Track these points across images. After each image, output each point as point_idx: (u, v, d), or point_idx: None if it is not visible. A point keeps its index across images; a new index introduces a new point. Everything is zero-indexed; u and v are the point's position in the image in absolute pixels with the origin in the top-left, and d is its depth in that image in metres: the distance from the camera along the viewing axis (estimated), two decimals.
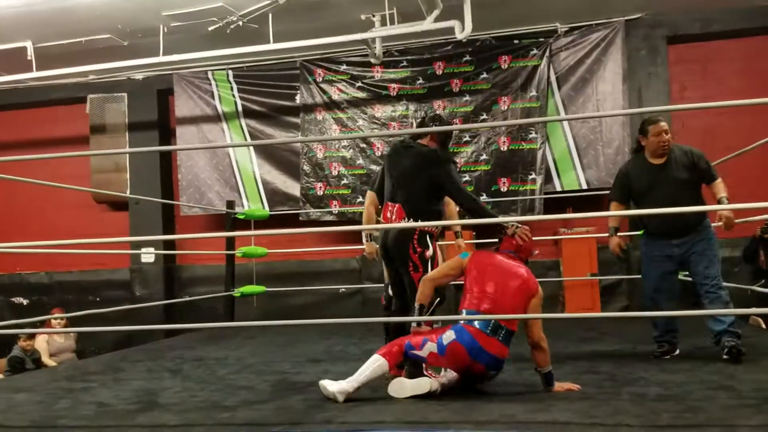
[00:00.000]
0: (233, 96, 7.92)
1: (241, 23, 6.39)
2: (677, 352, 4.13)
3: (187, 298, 7.70)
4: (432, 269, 3.62)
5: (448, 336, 3.21)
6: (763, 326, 5.54)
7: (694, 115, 7.07)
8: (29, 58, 6.86)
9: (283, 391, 3.56)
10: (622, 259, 5.79)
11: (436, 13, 5.83)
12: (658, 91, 7.05)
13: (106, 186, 7.80)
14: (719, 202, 3.87)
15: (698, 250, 4.00)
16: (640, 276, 6.27)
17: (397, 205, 3.77)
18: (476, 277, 3.34)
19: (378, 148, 7.45)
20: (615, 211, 4.15)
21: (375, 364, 3.23)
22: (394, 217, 3.77)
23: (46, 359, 6.46)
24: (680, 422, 2.57)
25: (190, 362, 4.73)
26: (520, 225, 3.52)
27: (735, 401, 2.88)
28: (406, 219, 3.72)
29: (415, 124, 7.39)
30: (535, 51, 7.12)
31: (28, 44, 6.82)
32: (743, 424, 2.50)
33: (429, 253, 3.70)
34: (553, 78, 7.11)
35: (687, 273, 4.28)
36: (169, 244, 7.90)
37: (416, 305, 3.41)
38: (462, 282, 3.42)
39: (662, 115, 4.13)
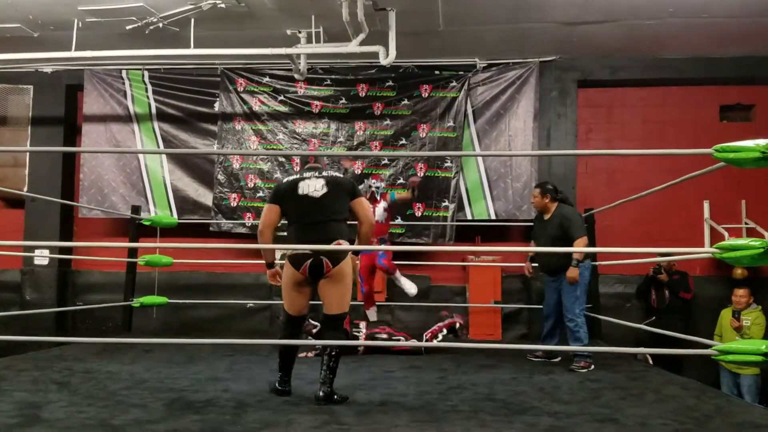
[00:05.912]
0: (147, 97, 7.65)
1: (161, 25, 6.20)
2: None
3: (81, 306, 7.30)
4: None
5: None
6: (650, 362, 5.86)
7: (598, 158, 7.48)
8: None
9: (177, 410, 3.43)
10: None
11: (361, 36, 5.88)
12: (565, 131, 7.41)
13: (3, 180, 7.32)
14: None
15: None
16: (539, 305, 6.60)
17: None
18: None
19: (297, 163, 7.40)
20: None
21: None
22: None
23: None
24: None
25: (80, 375, 4.48)
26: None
27: None
28: None
29: (335, 144, 7.42)
30: (454, 83, 7.33)
31: None
32: None
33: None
34: (469, 111, 7.35)
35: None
36: (66, 247, 7.48)
37: None
38: None
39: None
